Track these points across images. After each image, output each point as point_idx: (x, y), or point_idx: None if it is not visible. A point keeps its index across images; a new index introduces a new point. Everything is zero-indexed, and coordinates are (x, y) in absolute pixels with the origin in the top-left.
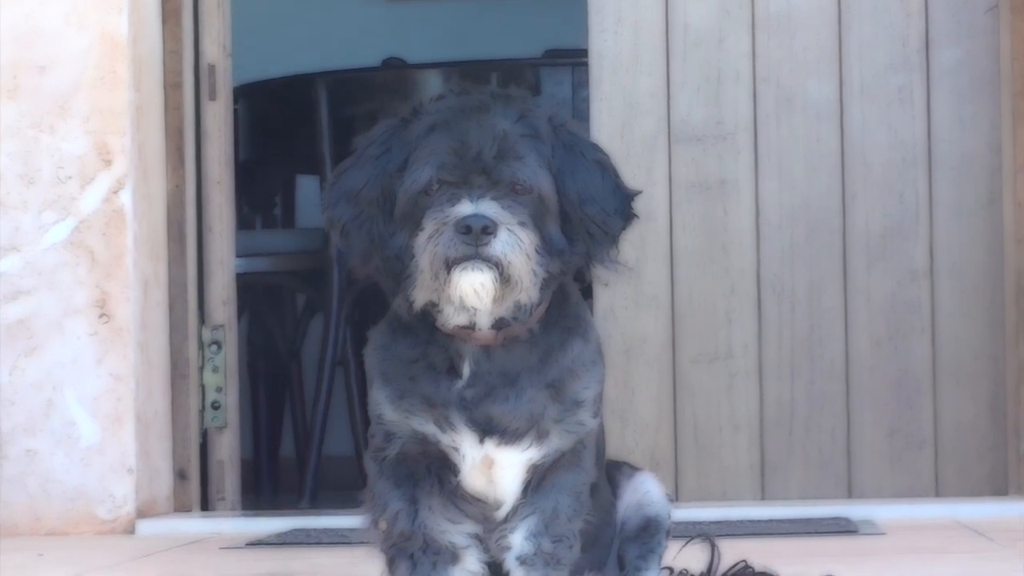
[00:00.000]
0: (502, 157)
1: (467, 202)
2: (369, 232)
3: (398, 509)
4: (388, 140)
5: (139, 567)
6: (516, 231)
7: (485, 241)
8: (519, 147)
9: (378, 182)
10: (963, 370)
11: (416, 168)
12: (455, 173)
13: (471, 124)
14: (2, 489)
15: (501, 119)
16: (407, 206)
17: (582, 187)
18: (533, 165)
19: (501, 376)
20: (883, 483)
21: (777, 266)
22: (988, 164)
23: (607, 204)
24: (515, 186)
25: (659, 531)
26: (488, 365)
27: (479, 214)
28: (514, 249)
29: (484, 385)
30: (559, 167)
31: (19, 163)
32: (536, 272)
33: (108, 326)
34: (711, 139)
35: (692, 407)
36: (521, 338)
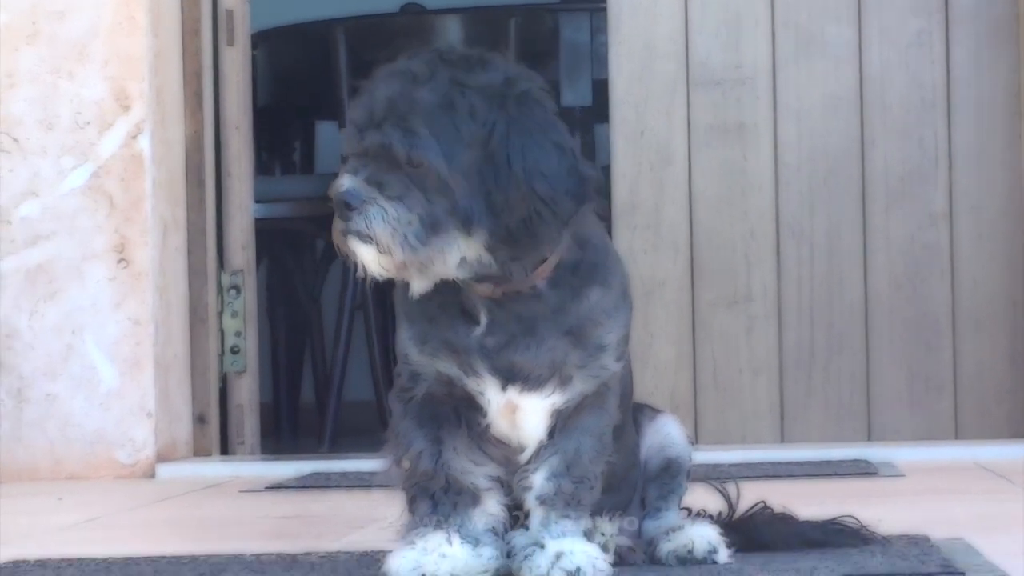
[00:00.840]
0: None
1: (346, 177)
2: None
3: (421, 449)
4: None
5: (158, 510)
6: (384, 205)
7: (349, 216)
8: (407, 112)
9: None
10: (983, 312)
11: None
12: (350, 144)
13: (376, 93)
14: (22, 433)
15: (413, 85)
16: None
17: (532, 165)
18: (420, 131)
19: (519, 324)
20: (903, 425)
21: (796, 209)
22: (1007, 107)
23: (559, 185)
24: (403, 159)
25: (680, 472)
26: (503, 314)
27: (349, 190)
28: (378, 223)
29: (504, 333)
30: (503, 140)
31: (38, 109)
32: (411, 243)
33: (127, 271)
34: (730, 83)
35: (711, 350)
36: (524, 293)
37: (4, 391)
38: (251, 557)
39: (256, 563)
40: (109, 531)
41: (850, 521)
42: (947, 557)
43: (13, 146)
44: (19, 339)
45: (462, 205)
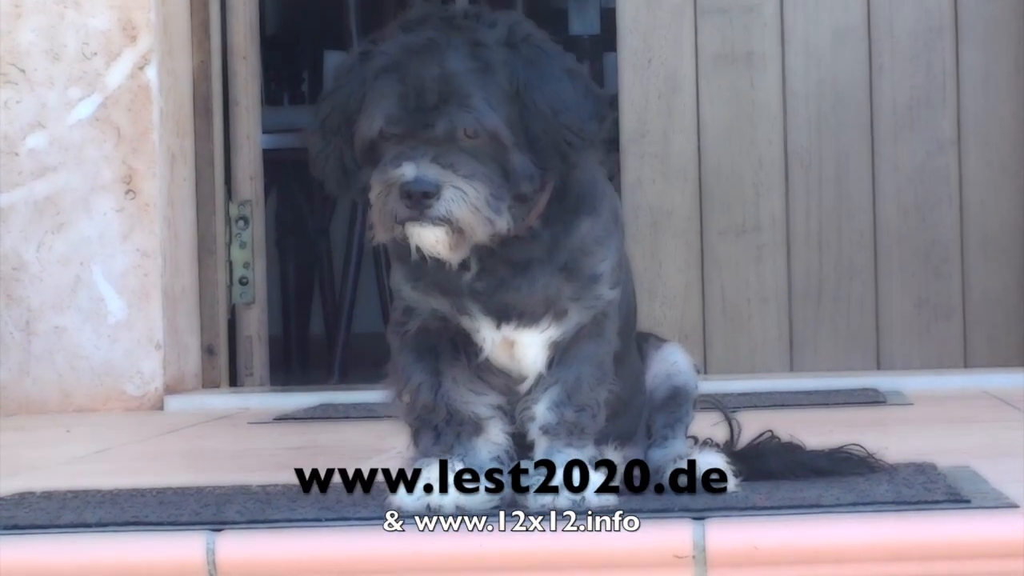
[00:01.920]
0: (446, 103)
1: (408, 164)
2: (340, 163)
3: (420, 381)
4: (346, 78)
5: (167, 442)
6: (461, 186)
7: (427, 204)
8: (465, 88)
9: (340, 117)
10: (991, 240)
11: (367, 115)
12: (400, 125)
13: (415, 67)
14: (31, 366)
15: (447, 58)
16: (363, 149)
17: (553, 98)
18: (481, 105)
19: (510, 266)
20: (912, 354)
21: (804, 138)
22: (1016, 31)
23: (581, 110)
24: (461, 134)
25: (686, 401)
26: (493, 259)
27: (419, 178)
28: (459, 205)
29: (494, 277)
30: (525, 84)
31: (44, 39)
32: (491, 219)
33: (134, 202)
34: (737, 10)
35: (720, 279)
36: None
37: (12, 324)
38: (257, 488)
39: (262, 494)
40: (117, 463)
41: (856, 449)
42: (953, 484)
43: (20, 77)
44: (26, 271)
45: (515, 164)
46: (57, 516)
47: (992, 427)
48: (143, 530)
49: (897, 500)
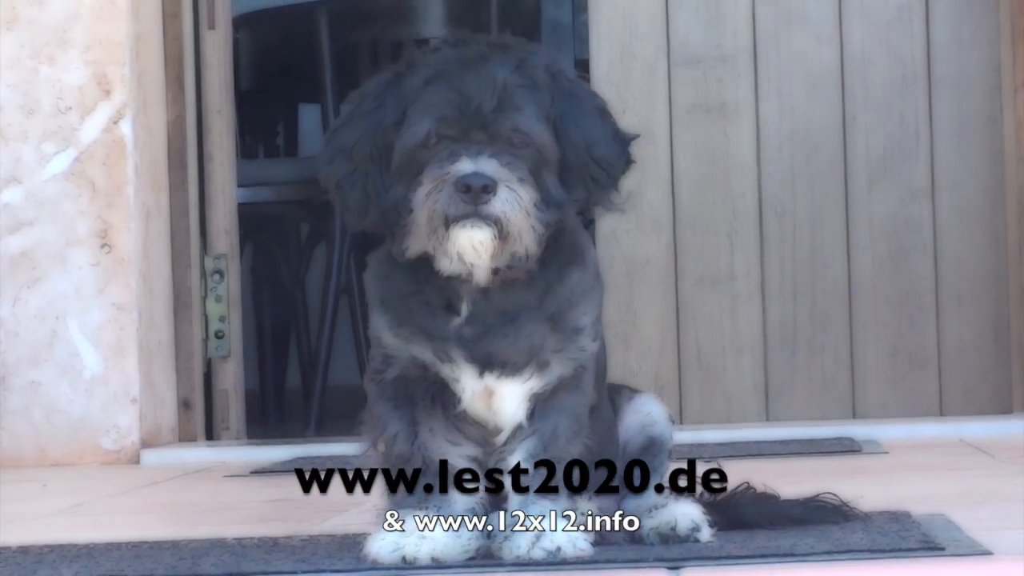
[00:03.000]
0: (501, 109)
1: (466, 159)
2: (364, 187)
3: (397, 431)
4: (381, 94)
5: (143, 496)
6: (516, 188)
7: (485, 200)
8: (518, 98)
9: (372, 137)
10: (965, 289)
11: (415, 121)
12: (454, 127)
13: (470, 75)
14: (6, 420)
15: (499, 69)
16: (405, 159)
17: (586, 132)
18: (531, 117)
19: (500, 315)
20: (887, 403)
21: (778, 188)
22: (987, 83)
23: (611, 149)
24: (514, 140)
25: (661, 451)
26: (486, 305)
27: (479, 172)
28: (513, 206)
29: (482, 324)
30: (561, 115)
31: (19, 94)
32: (535, 227)
33: (110, 256)
34: (711, 61)
35: (695, 330)
36: (520, 280)
37: None
38: (233, 541)
39: (238, 547)
40: (93, 517)
41: (831, 498)
42: (927, 532)
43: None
44: (2, 326)
45: (549, 184)
46: (33, 571)
47: (967, 475)
48: None
49: (871, 548)
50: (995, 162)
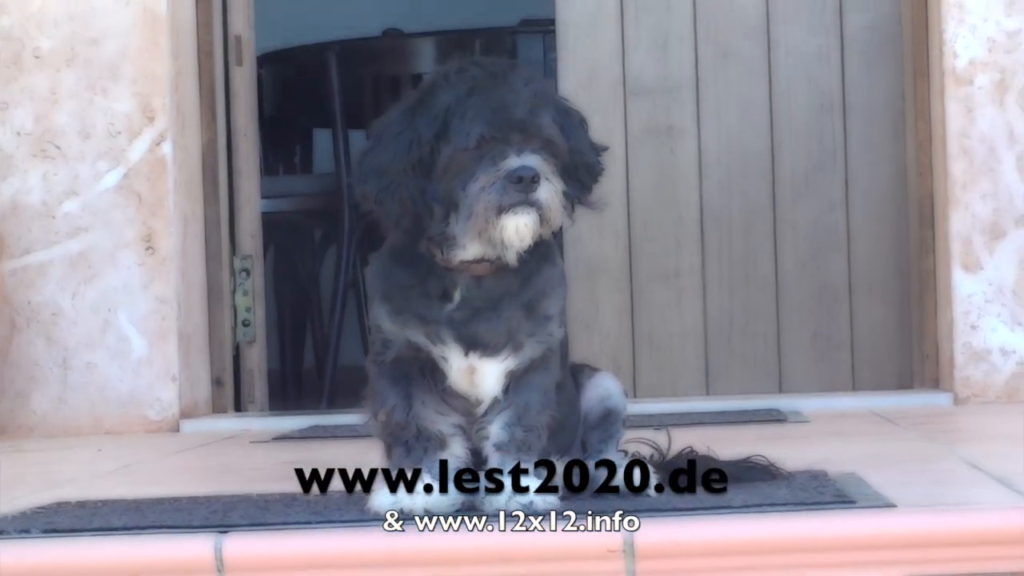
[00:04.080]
0: (532, 115)
1: (513, 156)
2: (400, 198)
3: (394, 404)
4: (407, 119)
5: (182, 459)
6: (552, 179)
7: (533, 189)
8: (541, 107)
9: (407, 153)
10: (874, 283)
11: (461, 128)
12: (499, 130)
13: (500, 89)
14: (68, 396)
15: (520, 83)
16: (453, 161)
17: (575, 141)
18: (551, 123)
19: (485, 301)
20: (808, 380)
21: (717, 199)
22: (892, 110)
23: (591, 156)
24: (545, 141)
25: (617, 420)
26: (475, 292)
27: (527, 166)
28: (551, 195)
29: (470, 309)
30: (561, 125)
31: (77, 121)
32: (563, 211)
33: (153, 257)
34: (660, 92)
35: (647, 319)
36: (509, 268)
37: (51, 361)
38: (257, 496)
39: (262, 501)
40: (140, 477)
41: (761, 460)
42: (841, 488)
43: (57, 153)
44: (63, 317)
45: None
46: (89, 521)
47: (875, 441)
48: (161, 533)
49: (794, 502)
50: (899, 177)
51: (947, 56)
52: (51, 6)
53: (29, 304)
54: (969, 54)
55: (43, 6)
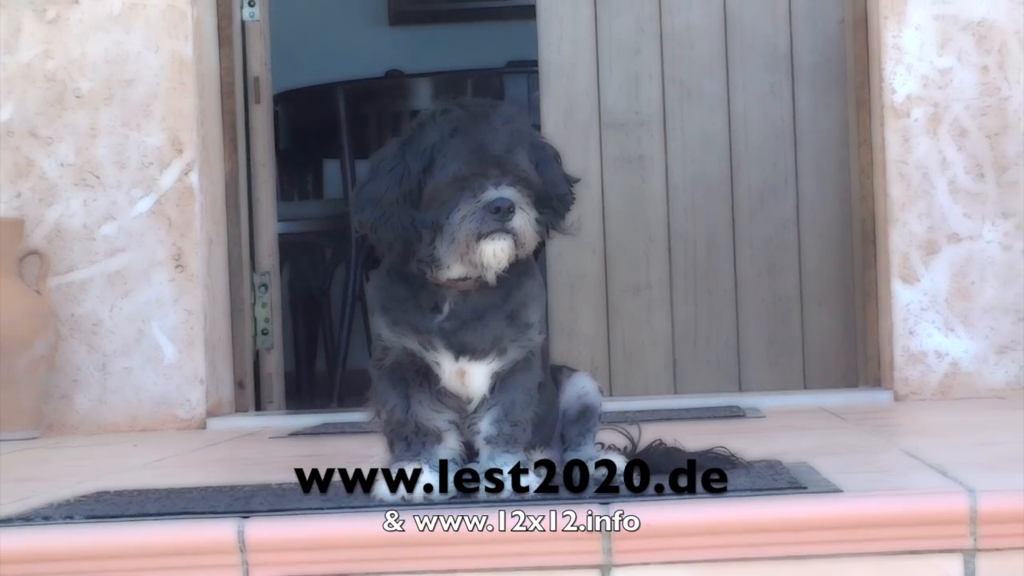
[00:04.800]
0: (508, 152)
1: (491, 188)
2: (393, 226)
3: (394, 403)
4: (399, 155)
5: (208, 452)
6: (525, 209)
7: (509, 218)
8: (517, 145)
9: (399, 185)
10: (823, 294)
11: (446, 164)
12: (478, 165)
13: (481, 128)
14: (107, 397)
15: (499, 123)
16: (436, 194)
17: (549, 174)
18: (525, 158)
19: (472, 312)
20: (765, 380)
21: (682, 219)
22: (838, 139)
23: (564, 188)
24: (520, 175)
25: (593, 416)
26: (462, 304)
27: (503, 197)
28: (524, 223)
29: (458, 319)
30: (536, 160)
31: (114, 153)
32: (535, 240)
33: (182, 274)
34: (631, 125)
35: (621, 326)
36: (491, 284)
37: (92, 366)
38: (275, 486)
39: (279, 490)
40: (170, 469)
41: (722, 451)
42: (794, 476)
43: (96, 182)
44: (103, 327)
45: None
46: (126, 508)
47: (824, 434)
48: (190, 518)
49: (752, 488)
50: (844, 199)
51: (886, 91)
52: (91, 51)
53: (72, 316)
54: (906, 90)
55: (83, 51)
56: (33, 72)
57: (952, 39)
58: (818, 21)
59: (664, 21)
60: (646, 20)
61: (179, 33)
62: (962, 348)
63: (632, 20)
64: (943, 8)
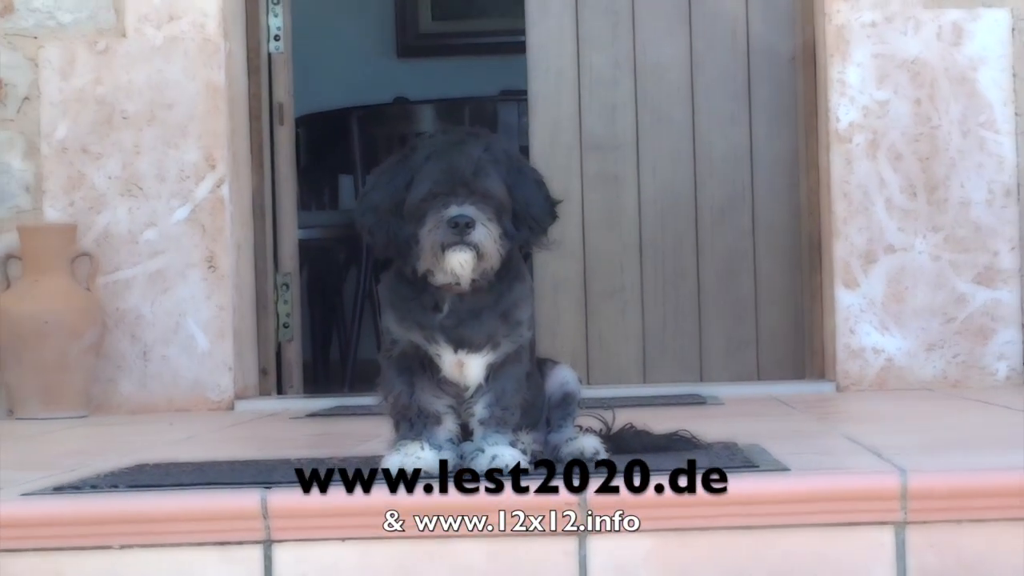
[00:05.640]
0: (476, 175)
1: (455, 206)
2: (386, 231)
3: (400, 389)
4: (395, 169)
5: (236, 431)
6: (487, 225)
7: (467, 232)
8: (486, 168)
9: (390, 198)
10: (775, 297)
11: (419, 184)
12: (445, 187)
13: (454, 153)
14: (147, 382)
15: (474, 149)
16: (413, 209)
17: (527, 196)
18: (496, 180)
19: (469, 311)
20: (723, 371)
21: (652, 230)
22: (789, 161)
23: (541, 209)
24: (485, 194)
25: (573, 402)
26: (460, 305)
27: (463, 214)
28: (485, 237)
29: (457, 317)
30: (512, 183)
31: (155, 168)
32: (499, 251)
33: (214, 274)
34: (608, 148)
35: (598, 324)
36: (483, 287)
37: (135, 355)
38: (295, 460)
39: (297, 463)
40: (202, 444)
41: (685, 433)
42: (748, 456)
43: (139, 193)
44: (144, 320)
45: (506, 225)
46: (163, 478)
47: (775, 419)
48: (219, 488)
49: (710, 466)
50: (794, 213)
51: (831, 120)
52: (136, 79)
53: (117, 310)
54: (848, 119)
55: (129, 79)
56: (85, 96)
57: (889, 75)
58: (772, 58)
59: (638, 57)
60: (622, 56)
61: (213, 63)
62: (896, 346)
63: (610, 56)
64: (882, 48)
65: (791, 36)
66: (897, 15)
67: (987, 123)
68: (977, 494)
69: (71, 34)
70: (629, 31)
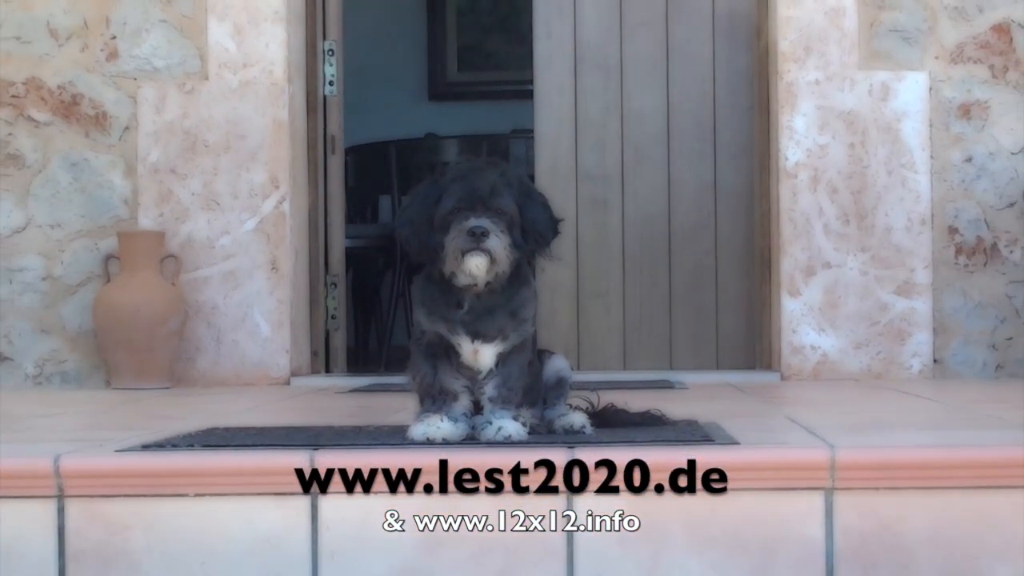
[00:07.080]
0: (492, 195)
1: (473, 219)
2: (420, 239)
3: (426, 371)
4: (427, 190)
5: (291, 402)
6: (499, 235)
7: (483, 240)
8: (501, 190)
9: (424, 212)
10: (732, 302)
11: (445, 201)
12: (467, 203)
13: (475, 177)
14: (220, 361)
15: (491, 175)
16: (440, 221)
17: (534, 214)
18: (508, 200)
19: (484, 309)
20: (689, 362)
21: (633, 246)
22: (746, 192)
23: (546, 226)
24: (499, 211)
25: (565, 385)
26: (477, 303)
27: (479, 224)
28: (497, 244)
29: (474, 314)
30: (522, 203)
31: (230, 187)
32: (508, 257)
33: (276, 274)
34: (599, 178)
35: (587, 321)
36: (496, 289)
37: (210, 338)
38: (338, 427)
39: (340, 429)
40: (263, 413)
41: (656, 412)
42: (706, 432)
43: (216, 207)
44: (218, 310)
45: (516, 237)
46: (231, 440)
47: (730, 402)
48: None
49: (676, 439)
50: (749, 235)
51: (781, 159)
52: (215, 114)
53: (196, 302)
54: (795, 158)
55: (211, 114)
56: (174, 127)
57: (829, 123)
58: (734, 107)
59: (624, 104)
60: (611, 103)
61: (279, 103)
62: (830, 344)
63: (602, 103)
64: (823, 101)
65: (750, 91)
66: (836, 75)
67: (908, 164)
68: (893, 467)
69: (164, 77)
70: (618, 83)
